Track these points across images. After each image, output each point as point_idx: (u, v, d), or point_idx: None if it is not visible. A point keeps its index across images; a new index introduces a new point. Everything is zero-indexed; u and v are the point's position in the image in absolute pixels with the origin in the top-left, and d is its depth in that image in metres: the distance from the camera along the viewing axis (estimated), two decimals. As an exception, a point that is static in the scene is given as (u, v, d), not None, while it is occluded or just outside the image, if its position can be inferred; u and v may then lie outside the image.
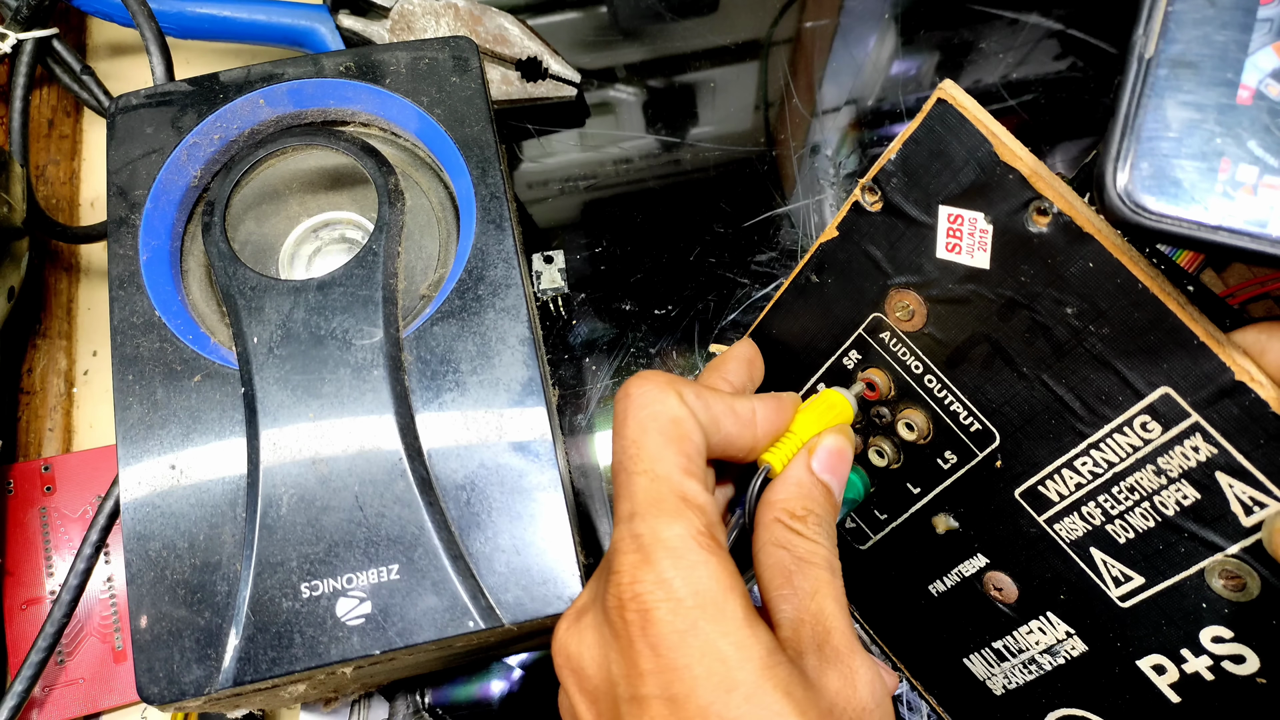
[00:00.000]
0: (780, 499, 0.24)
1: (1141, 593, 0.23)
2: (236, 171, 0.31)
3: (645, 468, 0.21)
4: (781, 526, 0.23)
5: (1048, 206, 0.21)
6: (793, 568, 0.22)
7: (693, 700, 0.19)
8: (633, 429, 0.22)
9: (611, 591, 0.20)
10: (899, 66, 0.44)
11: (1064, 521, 0.24)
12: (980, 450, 0.25)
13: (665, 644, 0.19)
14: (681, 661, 0.19)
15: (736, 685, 0.19)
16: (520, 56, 0.40)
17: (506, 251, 0.30)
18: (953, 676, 0.30)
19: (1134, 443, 0.22)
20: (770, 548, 0.23)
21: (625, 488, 0.21)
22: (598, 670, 0.21)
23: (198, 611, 0.26)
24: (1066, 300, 0.21)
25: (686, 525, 0.20)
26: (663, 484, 0.21)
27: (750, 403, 0.24)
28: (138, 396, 0.28)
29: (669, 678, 0.19)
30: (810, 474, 0.24)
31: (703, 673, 0.19)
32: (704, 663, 0.19)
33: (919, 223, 0.23)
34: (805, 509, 0.23)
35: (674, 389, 0.22)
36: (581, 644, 0.21)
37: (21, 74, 0.39)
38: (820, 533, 0.23)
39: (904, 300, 0.25)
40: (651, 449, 0.22)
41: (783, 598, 0.22)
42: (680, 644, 0.19)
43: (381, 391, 0.28)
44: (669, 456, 0.21)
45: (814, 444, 0.25)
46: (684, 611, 0.19)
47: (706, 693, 0.19)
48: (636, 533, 0.20)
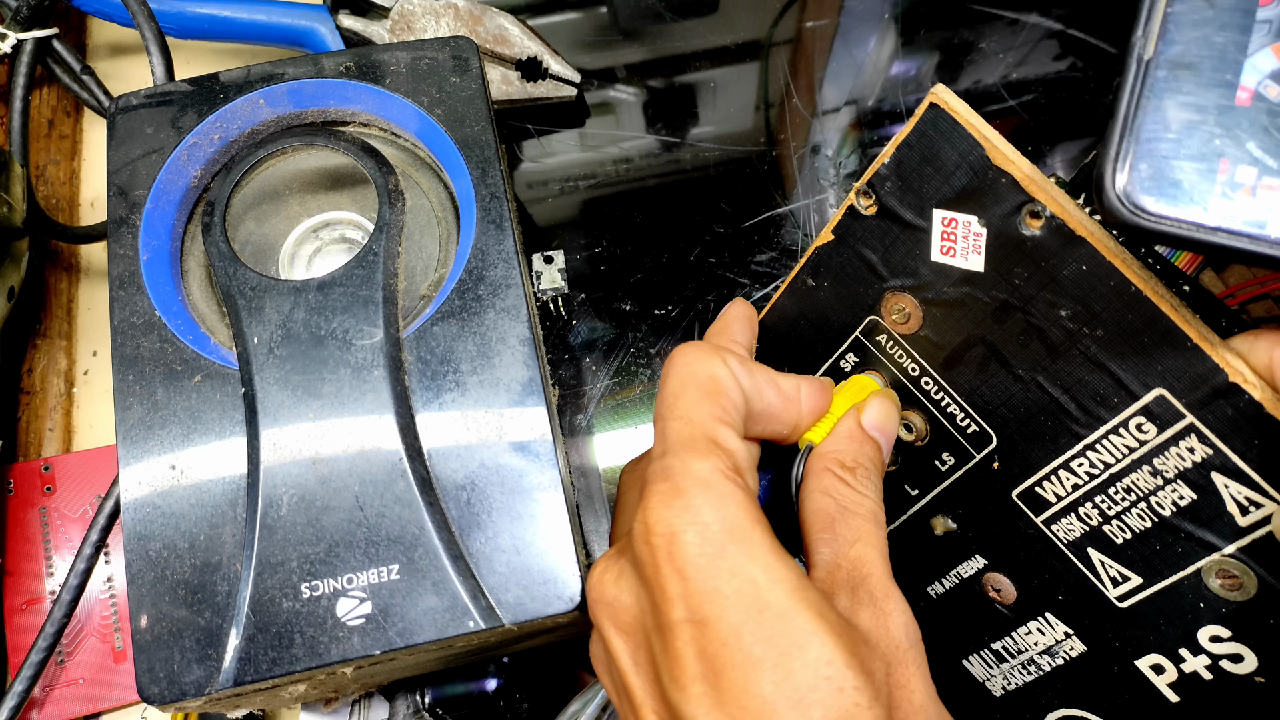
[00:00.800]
0: (831, 450, 0.24)
1: (1139, 593, 0.23)
2: (236, 171, 0.31)
3: (681, 414, 0.22)
4: (831, 475, 0.23)
5: (1040, 210, 0.21)
6: (836, 515, 0.23)
7: (723, 621, 0.18)
8: (673, 383, 0.23)
9: (639, 519, 0.20)
10: (899, 67, 0.44)
11: (1061, 522, 0.24)
12: (977, 452, 0.25)
13: (692, 567, 0.19)
14: (710, 584, 0.19)
15: (768, 605, 0.19)
16: (520, 56, 0.40)
17: (506, 251, 0.30)
18: (952, 678, 0.30)
19: (1130, 444, 0.22)
20: (816, 494, 0.23)
21: (660, 432, 0.22)
22: (634, 602, 0.21)
23: (198, 611, 0.26)
24: (1060, 303, 0.21)
25: (716, 461, 0.21)
26: (695, 427, 0.21)
27: (795, 380, 0.25)
28: (138, 396, 0.28)
29: (697, 600, 0.19)
30: (861, 428, 0.25)
31: (732, 594, 0.19)
32: (732, 584, 0.19)
33: (913, 226, 0.24)
34: (855, 460, 0.24)
35: (719, 354, 0.23)
36: (618, 580, 0.21)
37: (21, 74, 0.39)
38: (868, 485, 0.24)
39: (899, 303, 0.25)
40: (689, 399, 0.22)
41: (823, 541, 0.23)
42: (708, 567, 0.19)
43: (382, 391, 0.28)
44: (704, 406, 0.22)
45: (864, 403, 0.25)
46: (711, 536, 0.19)
47: (737, 613, 0.18)
48: (667, 465, 0.21)
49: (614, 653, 0.21)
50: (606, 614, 0.22)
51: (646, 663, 0.20)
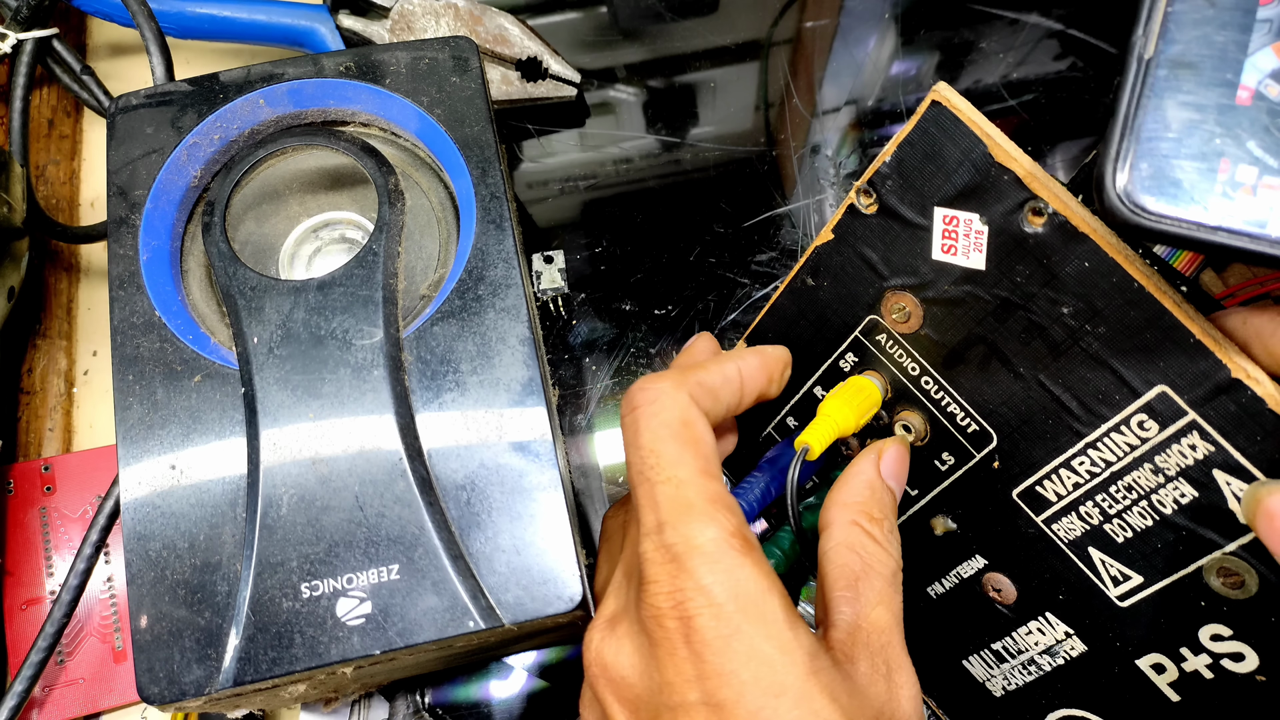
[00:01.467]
0: (856, 501, 0.24)
1: (1140, 592, 0.23)
2: (236, 171, 0.31)
3: (667, 475, 0.21)
4: (858, 529, 0.23)
5: (1043, 207, 0.21)
6: (860, 574, 0.22)
7: (741, 705, 0.18)
8: (647, 437, 0.22)
9: (648, 601, 0.20)
10: (899, 66, 0.44)
11: (1062, 521, 0.24)
12: (978, 451, 0.25)
13: (709, 650, 0.19)
14: (727, 667, 0.19)
15: (784, 690, 0.18)
16: (520, 56, 0.40)
17: (506, 251, 0.30)
18: (952, 679, 0.30)
19: (1131, 441, 0.22)
20: (842, 549, 0.23)
21: (648, 498, 0.21)
22: (640, 679, 0.21)
23: (198, 611, 0.26)
24: (1062, 300, 0.21)
25: (718, 529, 0.20)
26: (688, 489, 0.21)
27: (734, 363, 0.25)
28: (138, 396, 0.28)
29: (714, 684, 0.19)
30: (880, 478, 0.24)
31: (749, 677, 0.19)
32: (749, 667, 0.19)
33: (914, 225, 0.23)
34: (881, 513, 0.24)
35: (683, 390, 0.22)
36: (619, 653, 0.21)
37: (21, 74, 0.39)
38: (892, 541, 0.23)
39: (900, 302, 0.25)
40: (670, 455, 0.21)
41: (844, 599, 0.22)
42: (724, 649, 0.19)
43: (381, 391, 0.28)
44: (688, 461, 0.21)
45: (880, 448, 0.25)
46: (726, 616, 0.19)
47: (754, 698, 0.18)
48: (668, 543, 0.20)
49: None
50: (609, 688, 0.21)
51: None
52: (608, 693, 0.21)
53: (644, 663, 0.20)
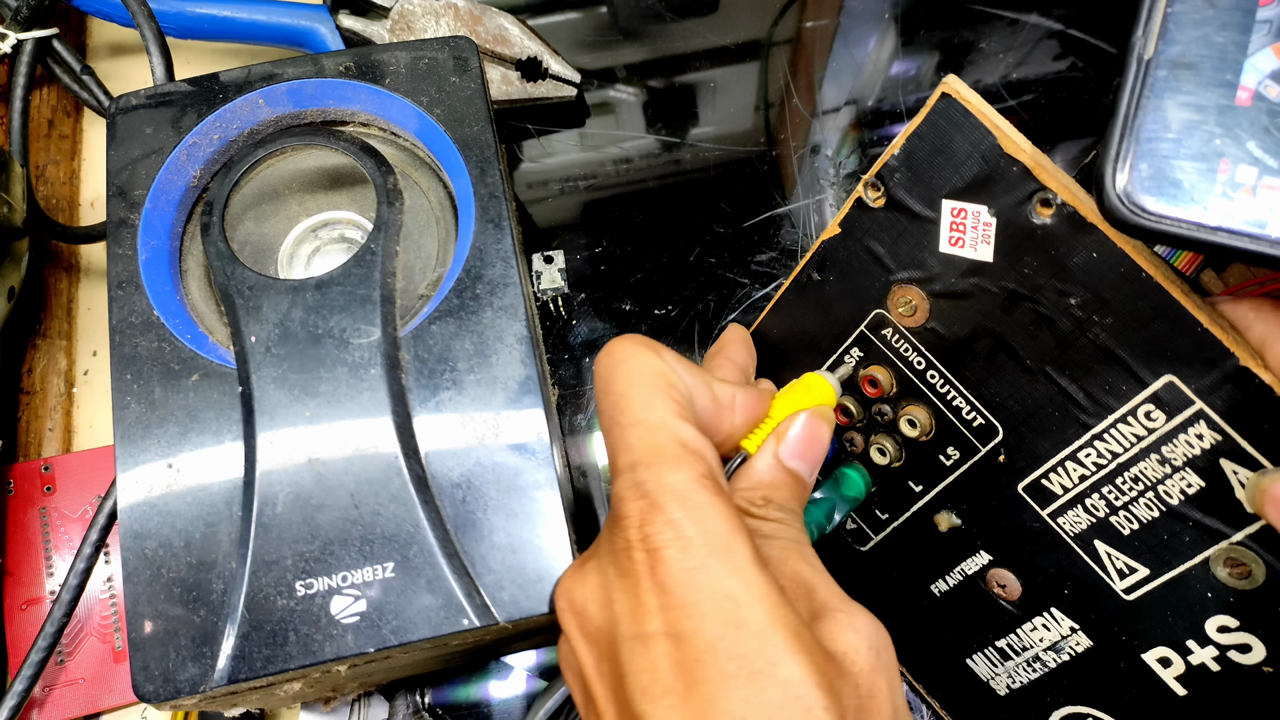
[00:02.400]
0: (742, 488, 0.24)
1: (1146, 584, 0.23)
2: (236, 171, 0.31)
3: (638, 418, 0.21)
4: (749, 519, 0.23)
5: (1051, 198, 0.21)
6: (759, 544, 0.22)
7: (700, 636, 0.18)
8: (619, 382, 0.22)
9: (619, 534, 0.20)
10: (899, 66, 0.44)
11: (1067, 515, 0.24)
12: (983, 445, 0.25)
13: (673, 581, 0.19)
14: (690, 598, 0.19)
15: (745, 622, 0.18)
16: (520, 56, 0.40)
17: (505, 251, 0.30)
18: (956, 678, 0.29)
19: (1138, 432, 0.22)
20: None
21: (621, 441, 0.21)
22: (600, 610, 0.21)
23: (194, 610, 0.26)
24: (1070, 291, 0.21)
25: (690, 469, 0.20)
26: (659, 431, 0.21)
27: (730, 388, 0.24)
28: (136, 396, 0.28)
29: (676, 614, 0.19)
30: (776, 461, 0.24)
31: (711, 609, 0.19)
32: (712, 600, 0.19)
33: (922, 217, 0.23)
34: (765, 498, 0.23)
35: (653, 348, 0.22)
36: (585, 586, 0.21)
37: (21, 74, 0.39)
38: (783, 517, 0.23)
39: (906, 296, 0.25)
40: (640, 399, 0.21)
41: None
42: (689, 581, 0.19)
43: (379, 390, 0.28)
44: (660, 404, 0.21)
45: (782, 429, 0.24)
46: (693, 550, 0.19)
47: (714, 629, 0.18)
48: (640, 480, 0.20)
49: (580, 660, 0.21)
50: (574, 620, 0.22)
51: (610, 673, 0.20)
52: (571, 625, 0.22)
53: (606, 595, 0.21)
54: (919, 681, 0.31)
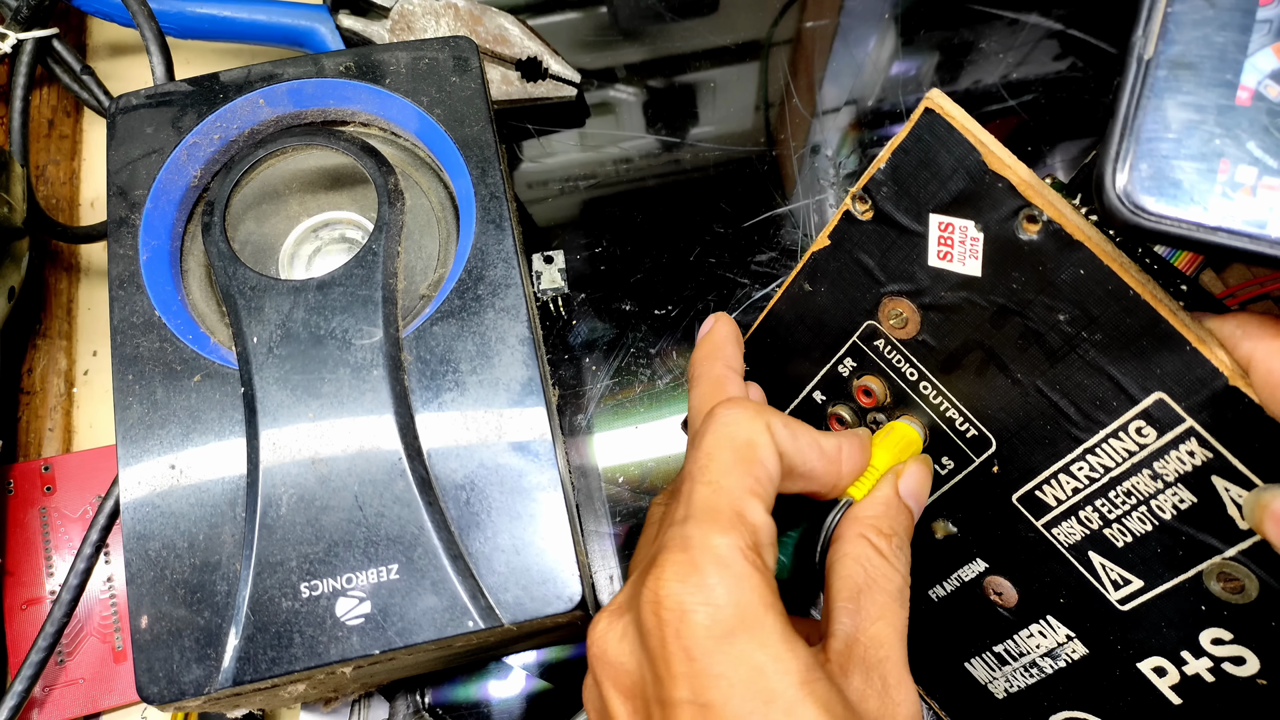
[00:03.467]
0: (868, 516, 0.24)
1: (1140, 596, 0.23)
2: (236, 171, 0.31)
3: (711, 479, 0.21)
4: (865, 543, 0.23)
5: (1037, 214, 0.21)
6: (864, 586, 0.22)
7: (728, 707, 0.18)
8: (708, 443, 0.22)
9: (649, 586, 0.20)
10: (899, 67, 0.44)
11: (1062, 526, 0.24)
12: (977, 456, 0.25)
13: (699, 649, 0.19)
14: (716, 669, 0.18)
15: (774, 697, 0.18)
16: (520, 56, 0.40)
17: (506, 251, 0.30)
18: (954, 681, 0.30)
19: (1129, 448, 0.22)
20: (849, 561, 0.23)
21: (686, 495, 0.21)
22: (637, 668, 0.21)
23: (197, 611, 0.26)
24: (1058, 307, 0.21)
25: (737, 539, 0.20)
26: (723, 496, 0.21)
27: (836, 439, 0.24)
28: (137, 396, 0.28)
29: (702, 683, 0.19)
30: (898, 496, 0.24)
31: (739, 681, 0.18)
32: (739, 671, 0.18)
33: (910, 231, 0.23)
34: (891, 529, 0.24)
35: (763, 418, 0.22)
36: (622, 639, 0.21)
37: (21, 74, 0.39)
38: (900, 558, 0.23)
39: (897, 308, 0.25)
40: (721, 464, 0.21)
41: (845, 611, 0.22)
42: (715, 650, 0.19)
43: (381, 391, 0.28)
44: (736, 474, 0.21)
45: (901, 468, 0.25)
46: (722, 620, 0.19)
47: (742, 702, 0.18)
48: (686, 534, 0.20)
49: (612, 713, 0.21)
50: (608, 674, 0.21)
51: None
52: (606, 679, 0.21)
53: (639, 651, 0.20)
54: (918, 683, 0.31)
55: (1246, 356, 0.19)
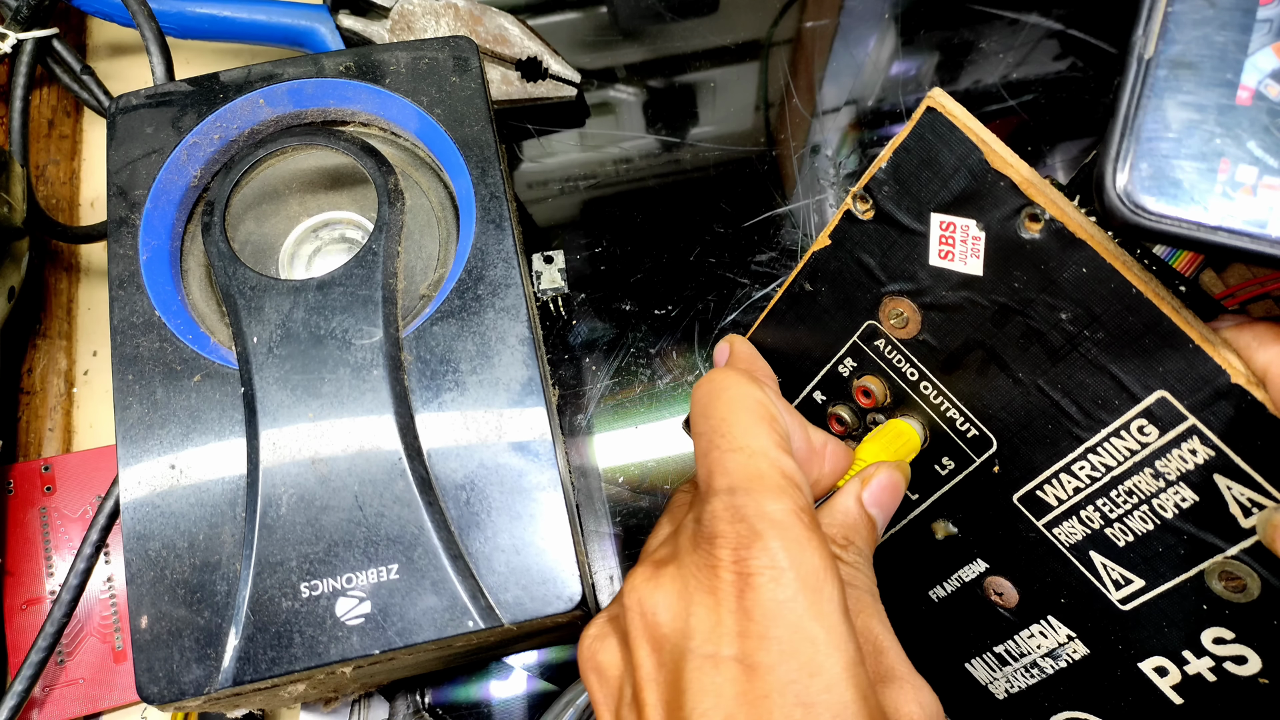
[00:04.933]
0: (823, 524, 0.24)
1: (1142, 595, 0.23)
2: (236, 171, 0.31)
3: (740, 444, 0.21)
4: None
5: (1040, 213, 0.21)
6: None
7: (774, 673, 0.18)
8: (721, 408, 0.22)
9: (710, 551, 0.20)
10: (899, 67, 0.44)
11: (1063, 526, 0.24)
12: (978, 456, 0.25)
13: (760, 610, 0.19)
14: (772, 631, 0.18)
15: (820, 671, 0.18)
16: (520, 56, 0.40)
17: (506, 251, 0.30)
18: (955, 681, 0.30)
19: (1131, 446, 0.22)
20: None
21: (719, 464, 0.21)
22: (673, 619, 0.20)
23: (197, 611, 0.26)
24: (1060, 306, 0.21)
25: (790, 501, 0.20)
26: (761, 459, 0.21)
27: (824, 434, 0.24)
28: (137, 396, 0.28)
29: (755, 644, 0.18)
30: (859, 505, 0.24)
31: (790, 648, 0.18)
32: (793, 639, 0.18)
33: (911, 230, 0.23)
34: (846, 539, 0.23)
35: (756, 381, 0.22)
36: (659, 592, 0.21)
37: (21, 74, 0.39)
38: (859, 563, 0.23)
39: (898, 308, 0.25)
40: (743, 425, 0.21)
41: None
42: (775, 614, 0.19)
43: (381, 391, 0.28)
44: (762, 433, 0.21)
45: (868, 474, 0.25)
46: (785, 583, 0.19)
47: (788, 670, 0.18)
48: (738, 504, 0.20)
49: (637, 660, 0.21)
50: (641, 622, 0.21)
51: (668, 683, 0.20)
52: (638, 627, 0.21)
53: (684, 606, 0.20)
54: (919, 683, 0.31)
55: (1263, 367, 0.19)
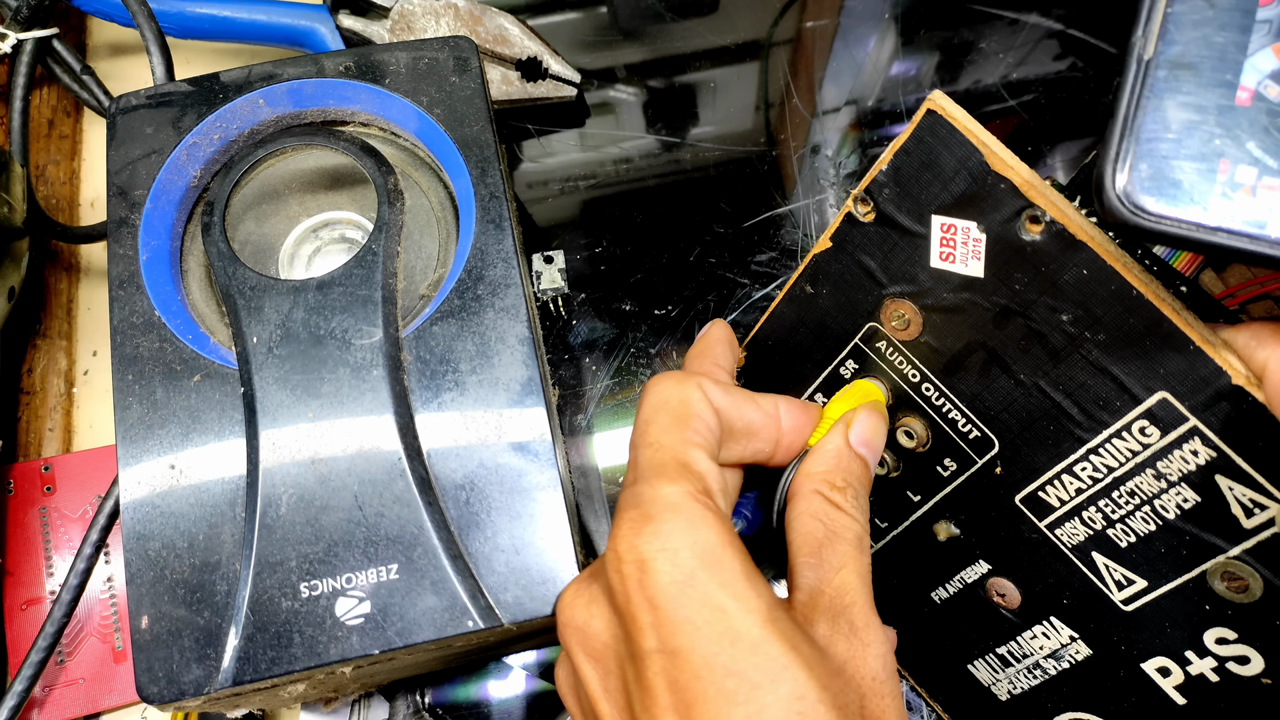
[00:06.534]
0: (820, 470, 0.24)
1: (1144, 596, 0.23)
2: (236, 171, 0.31)
3: (651, 440, 0.22)
4: (820, 498, 0.23)
5: (1040, 215, 0.21)
6: (823, 540, 0.23)
7: (695, 653, 0.18)
8: (646, 411, 0.23)
9: (610, 547, 0.20)
10: (899, 67, 0.44)
11: (1065, 526, 0.24)
12: (979, 457, 0.25)
13: (662, 595, 0.19)
14: (681, 614, 0.19)
15: (739, 637, 0.18)
16: (520, 56, 0.40)
17: (506, 251, 0.30)
18: (958, 683, 0.30)
19: (1133, 447, 0.22)
20: (805, 518, 0.23)
21: (632, 461, 0.22)
22: (604, 627, 0.21)
23: (197, 611, 0.26)
24: (1061, 307, 0.21)
25: (686, 484, 0.21)
26: (665, 452, 0.22)
27: (773, 399, 0.24)
28: (137, 396, 0.28)
29: (668, 630, 0.19)
30: (848, 445, 0.24)
31: (703, 624, 0.18)
32: (703, 614, 0.19)
33: (912, 233, 0.23)
34: (845, 481, 0.24)
35: (693, 380, 0.23)
36: (590, 604, 0.21)
37: (21, 74, 0.39)
38: (856, 506, 0.23)
39: (899, 310, 0.25)
40: (660, 425, 0.22)
41: (808, 565, 0.22)
42: (678, 595, 0.19)
43: (381, 391, 0.28)
44: (675, 431, 0.22)
45: (850, 417, 0.25)
46: (681, 563, 0.19)
47: (708, 645, 0.18)
48: (637, 492, 0.21)
49: (584, 679, 0.21)
50: (576, 639, 0.21)
51: (618, 690, 0.20)
52: (575, 645, 0.21)
53: (608, 615, 0.21)
54: (921, 685, 0.31)
55: (1261, 365, 0.19)
